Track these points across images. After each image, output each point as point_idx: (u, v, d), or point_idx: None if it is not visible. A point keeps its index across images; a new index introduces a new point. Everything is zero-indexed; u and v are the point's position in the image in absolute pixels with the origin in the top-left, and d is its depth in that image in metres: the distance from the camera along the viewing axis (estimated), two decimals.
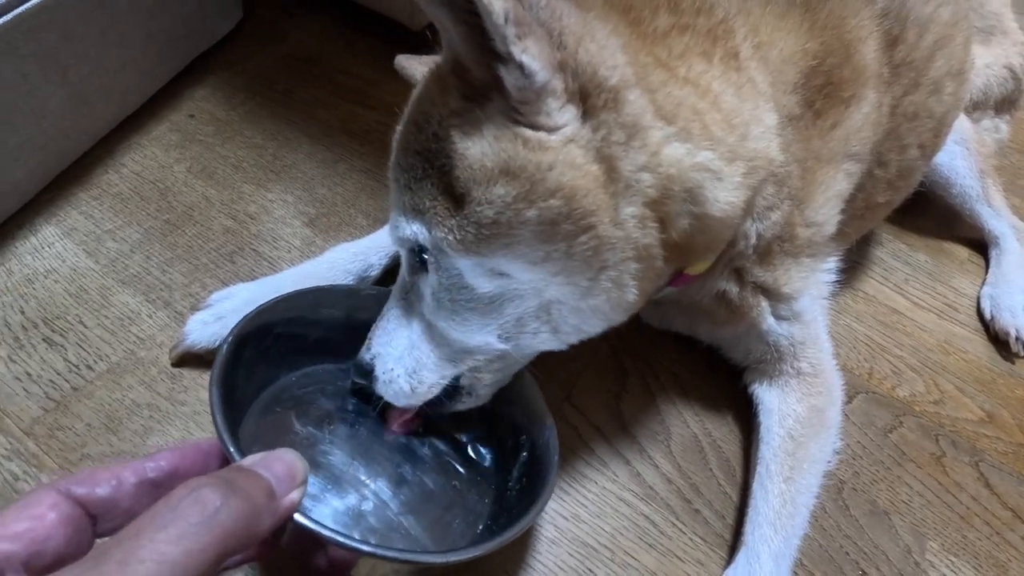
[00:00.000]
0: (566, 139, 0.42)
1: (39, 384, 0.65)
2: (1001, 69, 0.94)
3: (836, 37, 0.56)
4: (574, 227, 0.43)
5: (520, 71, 0.39)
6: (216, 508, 0.29)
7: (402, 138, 0.48)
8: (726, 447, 0.70)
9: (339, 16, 1.13)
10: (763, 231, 0.57)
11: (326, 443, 0.55)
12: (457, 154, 0.43)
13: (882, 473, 0.70)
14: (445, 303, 0.49)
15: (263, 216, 0.84)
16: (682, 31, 0.48)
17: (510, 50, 0.38)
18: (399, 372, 0.52)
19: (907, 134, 0.68)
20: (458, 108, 0.43)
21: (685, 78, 0.46)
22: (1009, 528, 0.68)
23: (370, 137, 0.95)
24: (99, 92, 0.83)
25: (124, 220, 0.80)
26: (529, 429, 0.58)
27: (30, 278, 0.73)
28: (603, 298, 0.48)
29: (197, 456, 0.39)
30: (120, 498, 0.34)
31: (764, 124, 0.50)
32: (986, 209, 0.94)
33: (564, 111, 0.41)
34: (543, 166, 0.41)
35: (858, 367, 0.79)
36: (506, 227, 0.43)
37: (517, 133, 0.41)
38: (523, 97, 0.40)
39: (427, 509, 0.54)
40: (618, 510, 0.64)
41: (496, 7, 0.36)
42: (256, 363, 0.55)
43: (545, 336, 0.51)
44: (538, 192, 0.42)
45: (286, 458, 0.35)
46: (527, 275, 0.46)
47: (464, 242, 0.44)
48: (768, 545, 0.59)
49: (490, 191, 0.42)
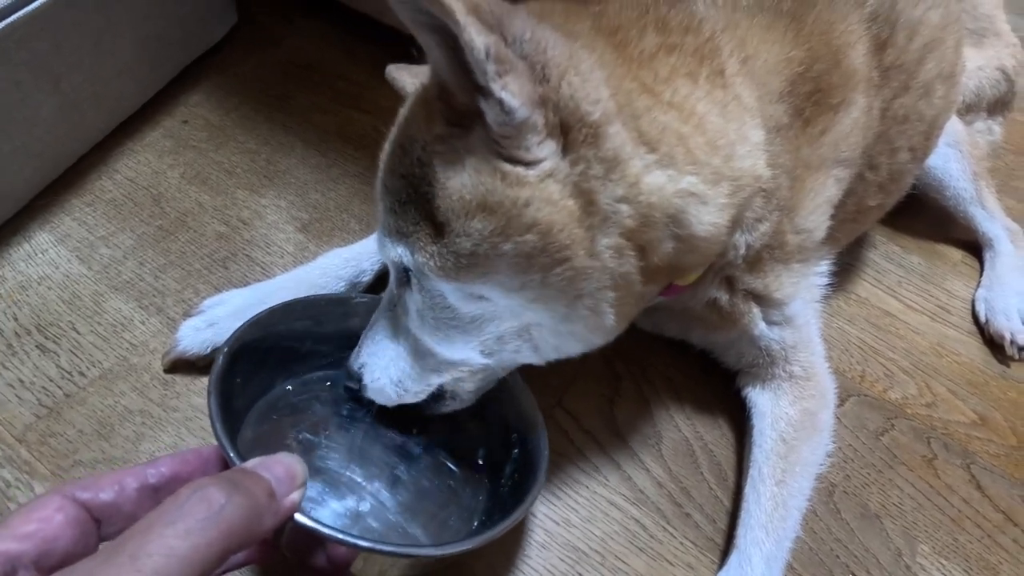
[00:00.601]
0: (544, 174, 0.42)
1: (32, 391, 0.65)
2: (993, 71, 0.94)
3: (824, 43, 0.56)
4: (549, 259, 0.43)
5: (500, 107, 0.39)
6: (221, 505, 0.30)
7: (388, 159, 0.48)
8: (717, 451, 0.70)
9: (335, 21, 1.13)
10: (752, 242, 0.57)
11: (323, 448, 0.57)
12: (438, 183, 0.43)
13: (873, 476, 0.70)
14: (429, 320, 0.50)
15: (256, 222, 0.84)
16: (669, 51, 0.48)
17: (490, 86, 0.38)
18: (385, 381, 0.54)
19: (897, 137, 0.68)
20: (442, 134, 0.43)
21: (670, 102, 0.46)
22: (1000, 531, 0.68)
23: (365, 142, 0.95)
24: (92, 99, 0.83)
25: (117, 226, 0.81)
26: (520, 427, 0.59)
27: (23, 284, 0.73)
28: (581, 324, 0.49)
29: (198, 462, 0.40)
30: (122, 503, 0.35)
31: (750, 142, 0.50)
32: (980, 211, 0.94)
33: (544, 146, 0.41)
34: (520, 202, 0.42)
35: (850, 370, 0.80)
36: (483, 258, 0.43)
37: (496, 167, 0.41)
38: (503, 132, 0.40)
39: (423, 508, 0.55)
40: (609, 514, 0.64)
41: (478, 43, 0.36)
42: (252, 373, 0.57)
43: (527, 353, 0.52)
44: (514, 227, 0.42)
45: (285, 461, 0.37)
46: (505, 300, 0.47)
47: (444, 269, 0.45)
48: (760, 548, 0.59)
49: (468, 224, 0.43)
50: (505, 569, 0.59)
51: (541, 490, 0.53)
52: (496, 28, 0.37)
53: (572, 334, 0.50)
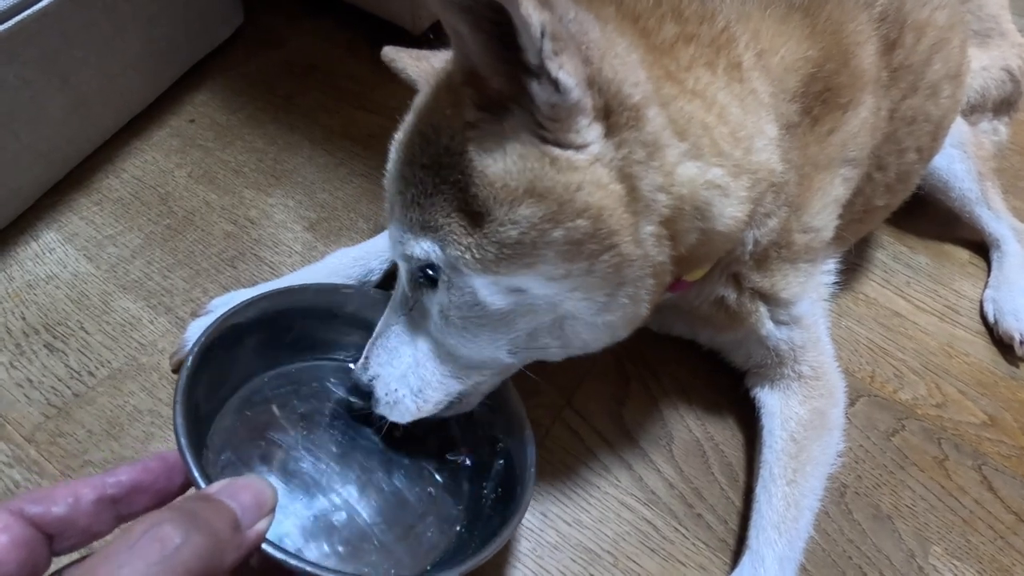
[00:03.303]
0: (593, 157, 0.41)
1: (40, 390, 0.65)
2: (999, 71, 0.94)
3: (835, 42, 0.56)
4: (598, 246, 0.42)
5: (554, 87, 0.37)
6: (176, 546, 0.27)
7: (406, 150, 0.46)
8: (728, 451, 0.70)
9: (340, 20, 1.13)
10: (760, 237, 0.57)
11: (299, 448, 0.54)
12: (475, 171, 0.41)
13: (885, 477, 0.70)
14: (455, 320, 0.48)
15: (264, 221, 0.84)
16: (687, 41, 0.47)
17: (546, 65, 0.36)
18: (404, 392, 0.51)
19: (905, 138, 0.68)
20: (474, 120, 0.42)
21: (693, 91, 0.46)
22: (1013, 532, 0.67)
23: (371, 141, 0.95)
24: (100, 98, 0.83)
25: (125, 225, 0.80)
26: (507, 437, 0.57)
27: (31, 284, 0.73)
28: (619, 314, 0.47)
29: (162, 470, 0.37)
30: (77, 516, 0.32)
31: (767, 136, 0.50)
32: (986, 212, 0.94)
33: (591, 128, 0.40)
34: (571, 186, 0.40)
35: (860, 370, 0.79)
36: (530, 247, 0.42)
37: (544, 152, 0.40)
38: (554, 114, 0.39)
39: (401, 518, 0.53)
40: (620, 515, 0.64)
41: (534, 19, 0.35)
42: (230, 365, 0.54)
43: (554, 349, 0.51)
44: (566, 212, 0.41)
45: (254, 486, 0.33)
46: (544, 290, 0.45)
47: (483, 261, 0.43)
48: (773, 548, 0.58)
49: (514, 211, 0.41)
50: (517, 571, 0.59)
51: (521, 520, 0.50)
52: (548, 5, 0.36)
53: (607, 325, 0.48)
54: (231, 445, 0.52)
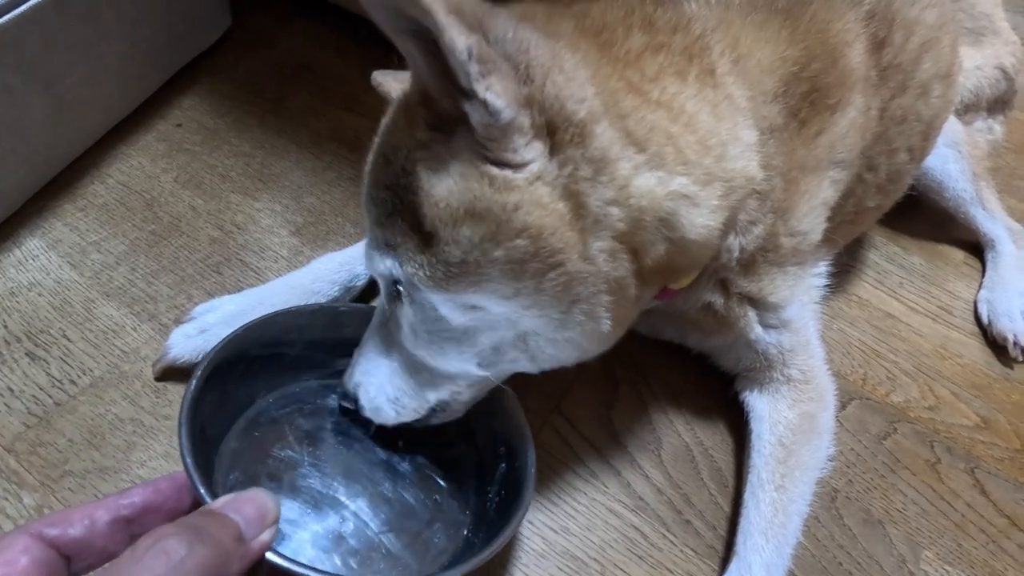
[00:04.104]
0: (533, 176, 0.41)
1: (21, 399, 0.64)
2: (992, 70, 0.93)
3: (820, 42, 0.56)
4: (542, 265, 0.42)
5: (484, 108, 0.38)
6: (181, 558, 0.28)
7: (372, 171, 0.47)
8: (718, 456, 0.69)
9: (329, 23, 1.13)
10: (746, 244, 0.56)
11: (305, 465, 0.56)
12: (423, 191, 0.42)
13: (876, 481, 0.69)
14: (422, 334, 0.49)
15: (250, 226, 0.83)
16: (656, 51, 0.47)
17: (474, 88, 0.37)
18: (381, 400, 0.53)
19: (896, 138, 0.68)
20: (425, 140, 0.42)
21: (658, 101, 0.45)
22: (1005, 536, 0.67)
23: (360, 144, 0.93)
24: (84, 102, 0.83)
25: (109, 231, 0.80)
26: (508, 441, 0.57)
27: (13, 291, 0.73)
28: (577, 330, 0.47)
29: (171, 491, 0.39)
30: (93, 538, 0.34)
31: (743, 142, 0.49)
32: (981, 212, 0.94)
33: (531, 147, 0.40)
34: (509, 206, 0.41)
35: (852, 373, 0.79)
36: (474, 266, 0.42)
37: (483, 171, 0.40)
38: (489, 134, 0.39)
39: (408, 526, 0.54)
40: (608, 522, 0.63)
41: (459, 44, 0.35)
42: (234, 387, 0.56)
43: (524, 363, 0.51)
44: (504, 233, 0.41)
45: (257, 499, 0.35)
46: (499, 308, 0.45)
47: (435, 279, 0.44)
48: (760, 555, 0.58)
49: (457, 232, 0.41)
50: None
51: (521, 522, 0.51)
52: (477, 28, 0.36)
53: (569, 341, 0.49)
54: (239, 466, 0.54)
